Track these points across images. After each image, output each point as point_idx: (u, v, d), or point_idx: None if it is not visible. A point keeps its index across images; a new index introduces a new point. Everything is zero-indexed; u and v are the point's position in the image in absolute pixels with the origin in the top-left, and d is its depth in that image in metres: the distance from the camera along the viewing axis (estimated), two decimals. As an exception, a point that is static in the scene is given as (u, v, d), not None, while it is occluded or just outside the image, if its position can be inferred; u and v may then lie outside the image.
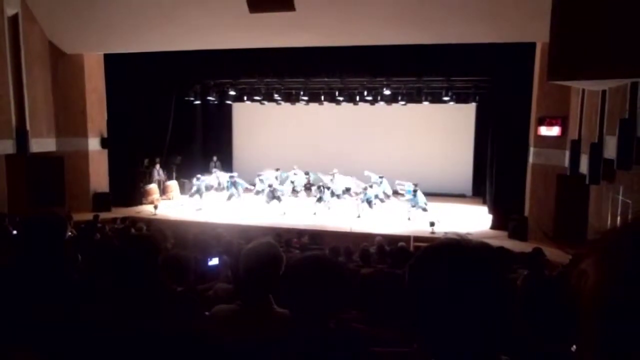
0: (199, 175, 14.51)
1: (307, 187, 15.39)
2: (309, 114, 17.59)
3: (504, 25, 10.29)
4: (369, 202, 13.02)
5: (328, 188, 13.82)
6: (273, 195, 13.54)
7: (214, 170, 16.38)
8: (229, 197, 13.98)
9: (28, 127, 12.17)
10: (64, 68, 13.45)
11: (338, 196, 13.93)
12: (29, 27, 12.34)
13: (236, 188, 14.00)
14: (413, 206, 12.72)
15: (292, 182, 14.77)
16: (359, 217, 12.74)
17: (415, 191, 12.77)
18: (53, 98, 13.44)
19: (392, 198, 14.15)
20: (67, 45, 13.28)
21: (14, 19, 11.88)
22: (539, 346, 1.93)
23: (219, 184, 14.99)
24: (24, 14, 12.10)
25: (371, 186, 13.45)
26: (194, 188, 14.21)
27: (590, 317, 0.60)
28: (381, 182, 13.88)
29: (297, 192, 14.96)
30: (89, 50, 13.63)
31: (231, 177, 14.39)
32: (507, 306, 0.98)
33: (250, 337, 1.96)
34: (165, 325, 1.94)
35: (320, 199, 13.48)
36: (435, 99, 14.84)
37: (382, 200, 13.48)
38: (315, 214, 13.20)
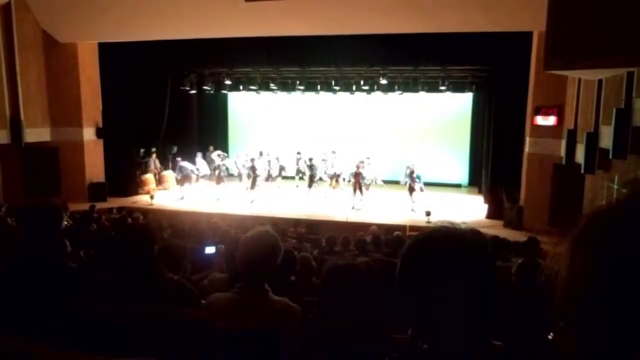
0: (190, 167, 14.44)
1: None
2: (305, 104, 17.56)
3: (501, 14, 10.25)
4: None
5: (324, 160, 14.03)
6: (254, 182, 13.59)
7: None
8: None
9: (22, 117, 12.09)
10: (57, 57, 13.34)
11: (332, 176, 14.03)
12: (22, 16, 12.21)
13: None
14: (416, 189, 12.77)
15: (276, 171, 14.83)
16: (353, 208, 12.76)
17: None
18: (47, 88, 13.35)
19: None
20: (60, 34, 13.15)
21: (6, 8, 11.76)
22: (533, 331, 1.96)
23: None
24: (17, 2, 11.97)
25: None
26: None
27: (564, 303, 0.60)
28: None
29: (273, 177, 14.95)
30: (82, 39, 13.50)
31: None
32: (498, 292, 0.99)
33: (247, 324, 1.98)
34: (162, 313, 1.95)
35: (311, 181, 13.51)
36: (432, 88, 14.80)
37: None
38: (307, 204, 13.20)
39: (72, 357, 1.55)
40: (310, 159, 13.82)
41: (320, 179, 13.94)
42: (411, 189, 12.81)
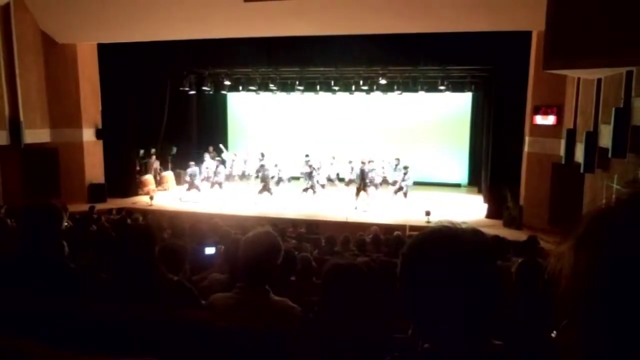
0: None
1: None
2: (304, 104, 17.56)
3: (499, 13, 10.25)
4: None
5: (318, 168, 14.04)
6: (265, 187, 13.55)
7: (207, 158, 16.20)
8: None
9: (21, 118, 12.09)
10: (56, 58, 13.32)
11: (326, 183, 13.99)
12: (21, 17, 12.20)
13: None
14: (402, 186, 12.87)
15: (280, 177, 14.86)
16: (355, 208, 12.78)
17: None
18: (46, 89, 13.34)
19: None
20: (59, 34, 13.14)
21: (5, 9, 11.75)
22: (533, 331, 1.96)
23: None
24: (16, 3, 11.97)
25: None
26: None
27: (568, 302, 0.60)
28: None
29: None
30: (81, 40, 13.49)
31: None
32: (498, 291, 0.99)
33: (248, 324, 1.99)
34: (162, 313, 1.95)
35: (308, 188, 13.51)
36: (431, 88, 14.80)
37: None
38: (317, 205, 13.19)
39: (72, 357, 1.55)
40: (311, 166, 13.72)
41: (324, 185, 13.97)
42: (400, 188, 12.87)
